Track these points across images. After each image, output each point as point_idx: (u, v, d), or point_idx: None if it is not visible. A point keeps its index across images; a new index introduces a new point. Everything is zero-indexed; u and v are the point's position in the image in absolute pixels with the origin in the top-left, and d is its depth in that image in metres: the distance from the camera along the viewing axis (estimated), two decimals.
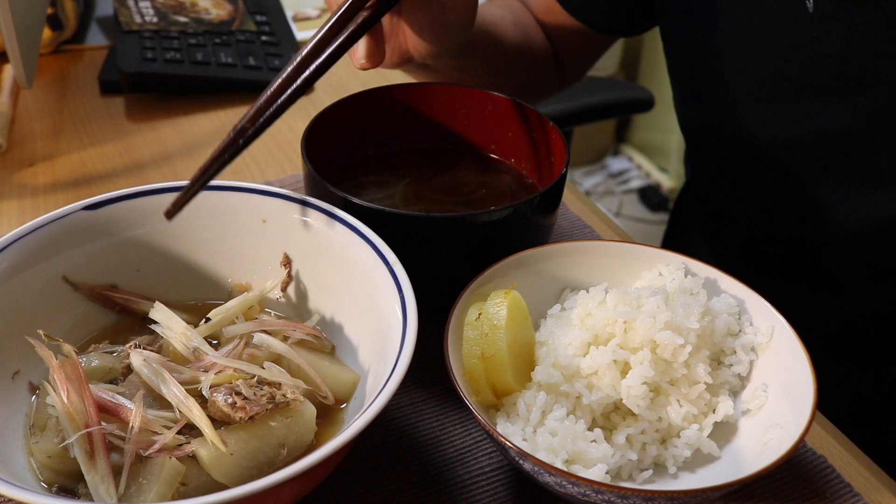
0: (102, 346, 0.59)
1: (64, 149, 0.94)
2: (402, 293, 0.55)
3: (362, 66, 0.69)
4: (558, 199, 0.69)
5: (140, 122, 0.99)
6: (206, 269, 0.65)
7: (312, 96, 1.06)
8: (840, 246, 0.82)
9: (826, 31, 0.72)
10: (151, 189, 0.63)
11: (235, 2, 1.18)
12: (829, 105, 0.75)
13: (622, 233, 0.86)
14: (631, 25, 0.97)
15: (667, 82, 0.94)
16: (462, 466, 0.60)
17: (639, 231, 2.63)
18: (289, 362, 0.56)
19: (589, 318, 0.60)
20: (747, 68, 0.79)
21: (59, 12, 1.10)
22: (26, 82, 0.90)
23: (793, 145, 0.79)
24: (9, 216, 0.83)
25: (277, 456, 0.51)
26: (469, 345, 0.58)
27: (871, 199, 0.77)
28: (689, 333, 0.57)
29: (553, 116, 0.74)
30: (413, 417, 0.63)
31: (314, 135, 0.70)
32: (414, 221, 0.62)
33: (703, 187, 0.98)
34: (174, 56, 1.02)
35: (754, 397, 0.59)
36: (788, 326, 0.59)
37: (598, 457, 0.54)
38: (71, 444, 0.49)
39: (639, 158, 2.87)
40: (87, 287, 0.62)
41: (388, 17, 0.71)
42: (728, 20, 0.79)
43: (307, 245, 0.63)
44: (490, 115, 0.78)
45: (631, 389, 0.56)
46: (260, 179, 0.90)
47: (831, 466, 0.61)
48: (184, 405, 0.51)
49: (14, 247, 0.57)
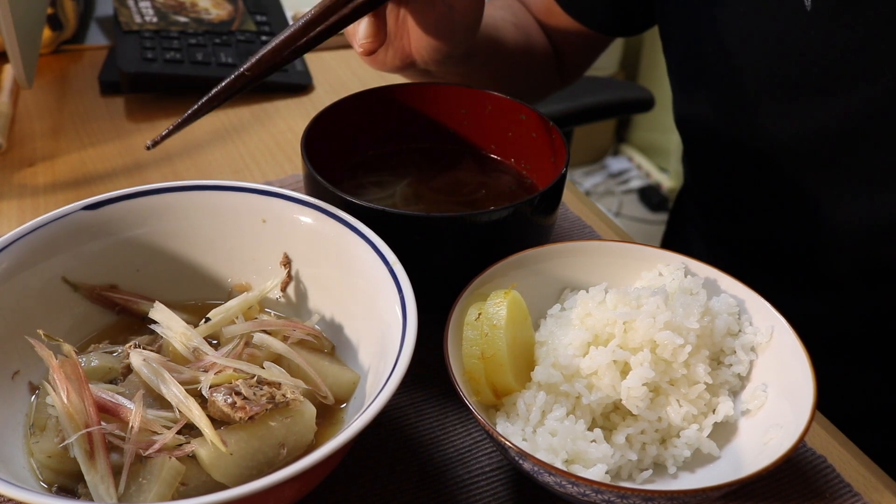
0: (102, 346, 0.60)
1: (64, 149, 0.94)
2: (402, 293, 0.55)
3: (363, 47, 0.68)
4: (558, 199, 0.69)
5: (140, 122, 0.99)
6: (206, 269, 0.65)
7: (312, 96, 1.06)
8: (838, 246, 0.82)
9: (824, 30, 0.72)
10: (151, 189, 0.63)
11: (235, 2, 1.18)
12: (827, 104, 0.75)
13: (622, 233, 0.86)
14: (630, 25, 0.97)
15: (667, 82, 0.94)
16: (462, 466, 0.60)
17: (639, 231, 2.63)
18: (289, 362, 0.56)
19: (589, 318, 0.60)
20: (745, 67, 0.79)
21: (59, 12, 1.10)
22: (26, 82, 0.90)
23: (790, 144, 0.79)
24: (9, 216, 0.83)
25: (277, 456, 0.51)
26: (469, 345, 0.58)
27: (868, 198, 0.77)
28: (689, 333, 0.57)
29: (553, 116, 0.74)
30: (413, 417, 0.63)
31: (314, 135, 0.70)
32: (414, 221, 0.62)
33: (701, 187, 0.98)
34: (174, 56, 1.02)
35: (754, 397, 0.59)
36: (788, 326, 0.59)
37: (598, 457, 0.54)
38: (71, 444, 0.49)
39: (639, 158, 2.88)
40: (86, 287, 0.62)
41: (392, 19, 0.71)
42: (726, 19, 0.79)
43: (307, 245, 0.63)
44: (490, 115, 0.78)
45: (631, 391, 0.56)
46: (260, 179, 0.90)
47: (831, 466, 0.61)
48: (184, 405, 0.51)
49: (14, 247, 0.57)
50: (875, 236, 0.79)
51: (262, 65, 0.62)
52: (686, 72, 0.89)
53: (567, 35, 0.98)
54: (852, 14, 0.70)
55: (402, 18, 0.71)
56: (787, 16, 0.74)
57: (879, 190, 0.76)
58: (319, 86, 1.08)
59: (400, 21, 0.71)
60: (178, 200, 0.63)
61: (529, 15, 0.99)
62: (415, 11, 0.69)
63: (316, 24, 0.63)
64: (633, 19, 0.95)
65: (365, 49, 0.68)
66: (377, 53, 0.72)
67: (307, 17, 0.62)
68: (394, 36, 0.72)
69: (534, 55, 0.97)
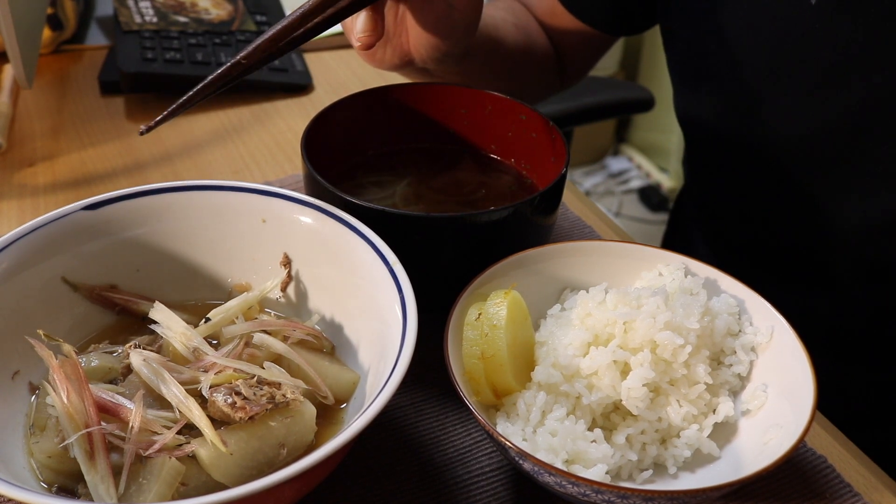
0: (102, 346, 0.60)
1: (64, 149, 0.94)
2: (402, 293, 0.55)
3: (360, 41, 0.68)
4: (558, 199, 0.69)
5: (140, 122, 0.99)
6: (206, 269, 0.65)
7: (312, 96, 1.06)
8: (841, 243, 0.82)
9: (828, 25, 0.72)
10: (151, 189, 0.63)
11: (235, 2, 1.18)
12: (831, 99, 0.75)
13: (622, 233, 0.86)
14: (632, 24, 0.97)
15: (667, 82, 0.94)
16: (462, 466, 0.60)
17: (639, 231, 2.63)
18: (289, 362, 0.56)
19: (589, 319, 0.60)
20: (748, 62, 0.79)
21: (59, 12, 1.10)
22: (26, 82, 0.90)
23: (794, 141, 0.79)
24: (9, 216, 0.83)
25: (277, 456, 0.51)
26: (469, 345, 0.58)
27: (871, 196, 0.77)
28: (689, 333, 0.57)
29: (553, 116, 0.74)
30: (413, 417, 0.63)
31: (314, 135, 0.70)
32: (414, 221, 0.62)
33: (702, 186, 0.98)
34: (174, 56, 1.02)
35: (754, 397, 0.59)
36: (788, 326, 0.59)
37: (598, 457, 0.54)
38: (71, 444, 0.49)
39: (639, 158, 2.87)
40: (86, 287, 0.62)
41: (391, 16, 0.71)
42: (729, 14, 0.79)
43: (307, 245, 0.63)
44: (490, 115, 0.78)
45: (631, 391, 0.56)
46: (260, 179, 0.90)
47: (831, 466, 0.61)
48: (184, 405, 0.51)
49: (14, 247, 0.57)
50: (879, 233, 0.79)
51: (258, 53, 0.62)
52: (688, 69, 0.88)
53: (570, 36, 0.98)
54: (857, 8, 0.70)
55: (402, 16, 0.71)
56: (791, 11, 0.73)
57: (883, 186, 0.76)
58: (319, 86, 1.08)
59: (399, 19, 0.71)
60: (178, 200, 0.63)
61: (531, 16, 0.99)
62: (415, 9, 0.69)
63: (313, 16, 0.63)
64: (634, 18, 0.95)
65: (363, 43, 0.68)
66: (375, 51, 0.72)
67: (304, 7, 0.62)
68: (392, 33, 0.72)
69: (534, 56, 0.97)
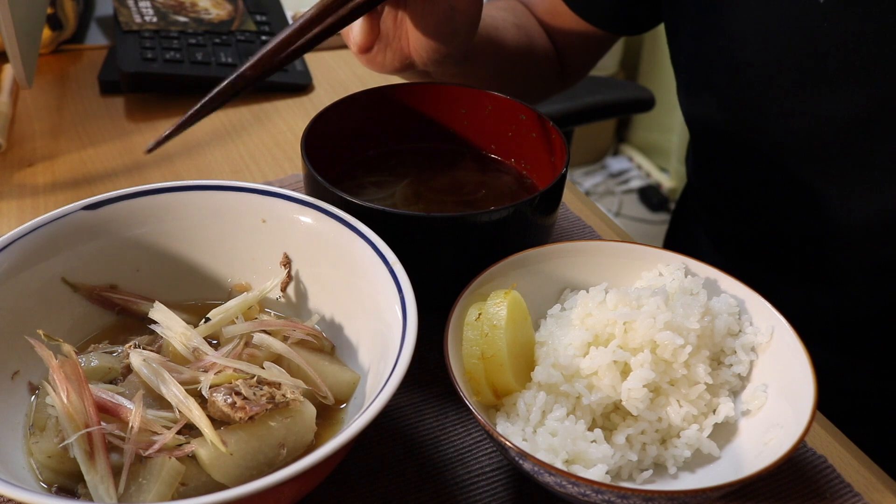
0: (102, 346, 0.59)
1: (64, 149, 0.94)
2: (402, 293, 0.55)
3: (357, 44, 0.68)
4: (558, 199, 0.69)
5: (140, 122, 0.99)
6: (206, 269, 0.65)
7: (312, 96, 1.06)
8: (846, 240, 0.82)
9: (836, 21, 0.72)
10: (151, 189, 0.63)
11: (235, 2, 1.18)
12: (838, 96, 0.74)
13: (622, 233, 0.86)
14: (636, 23, 0.97)
15: (667, 82, 0.94)
16: (462, 466, 0.60)
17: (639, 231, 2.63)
18: (289, 362, 0.56)
19: (589, 319, 0.60)
20: (756, 60, 0.79)
21: (59, 12, 1.10)
22: (26, 82, 0.90)
23: (801, 137, 0.79)
24: (9, 216, 0.83)
25: (277, 456, 0.51)
26: (469, 345, 0.58)
27: (876, 192, 0.77)
28: (689, 334, 0.57)
29: (553, 116, 0.74)
30: (413, 417, 0.63)
31: (314, 135, 0.70)
32: (414, 221, 0.62)
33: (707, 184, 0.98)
34: (174, 56, 1.02)
35: (754, 397, 0.59)
36: (788, 326, 0.59)
37: (598, 457, 0.54)
38: (71, 444, 0.49)
39: (639, 158, 2.88)
40: (86, 287, 0.62)
41: (391, 20, 0.71)
42: (737, 11, 0.79)
43: (307, 245, 0.63)
44: (490, 115, 0.78)
45: (631, 392, 0.56)
46: (260, 179, 0.90)
47: (831, 466, 0.61)
48: (183, 405, 0.51)
49: (14, 247, 0.57)
50: (883, 229, 0.79)
51: (261, 66, 0.62)
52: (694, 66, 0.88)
53: (571, 35, 0.97)
54: (865, 5, 0.70)
55: (401, 19, 0.70)
56: (799, 8, 0.73)
57: (887, 184, 0.76)
58: (319, 86, 1.08)
59: (398, 22, 0.71)
60: (178, 200, 0.63)
61: (532, 17, 0.99)
62: (416, 12, 0.68)
63: (313, 26, 0.63)
64: (639, 17, 0.95)
65: (359, 46, 0.68)
66: (375, 55, 0.72)
67: (304, 18, 0.63)
68: (392, 37, 0.72)
69: (535, 56, 0.97)
